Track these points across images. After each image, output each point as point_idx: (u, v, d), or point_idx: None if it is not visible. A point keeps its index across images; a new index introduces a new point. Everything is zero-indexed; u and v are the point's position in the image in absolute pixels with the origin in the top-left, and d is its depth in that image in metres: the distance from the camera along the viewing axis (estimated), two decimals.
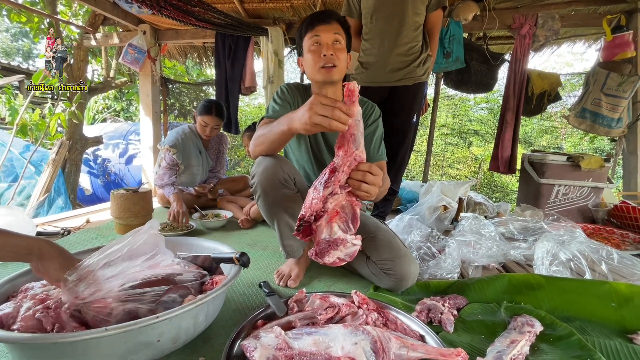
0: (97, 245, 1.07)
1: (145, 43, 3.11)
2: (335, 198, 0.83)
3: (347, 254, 0.83)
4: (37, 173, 3.47)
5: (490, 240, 1.42)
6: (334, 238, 0.81)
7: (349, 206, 0.85)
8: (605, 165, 2.22)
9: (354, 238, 0.84)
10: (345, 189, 0.84)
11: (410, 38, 1.70)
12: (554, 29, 2.44)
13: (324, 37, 1.14)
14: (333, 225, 0.82)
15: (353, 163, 0.82)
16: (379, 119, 1.35)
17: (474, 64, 2.69)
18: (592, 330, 0.94)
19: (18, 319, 0.65)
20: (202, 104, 2.23)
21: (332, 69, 1.15)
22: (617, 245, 1.72)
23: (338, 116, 0.77)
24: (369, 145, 1.29)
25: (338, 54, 1.16)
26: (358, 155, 0.82)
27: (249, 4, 2.95)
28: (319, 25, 1.15)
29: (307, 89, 1.34)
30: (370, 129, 1.32)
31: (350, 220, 0.84)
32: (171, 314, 0.67)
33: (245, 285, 1.18)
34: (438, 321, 0.98)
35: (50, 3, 3.03)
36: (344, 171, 0.82)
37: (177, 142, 2.17)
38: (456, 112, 4.94)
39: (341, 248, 0.82)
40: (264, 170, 1.09)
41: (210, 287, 0.89)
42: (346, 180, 0.84)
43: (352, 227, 0.85)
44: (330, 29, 1.15)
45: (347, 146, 0.82)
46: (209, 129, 2.22)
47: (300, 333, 0.74)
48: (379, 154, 1.30)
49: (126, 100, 6.97)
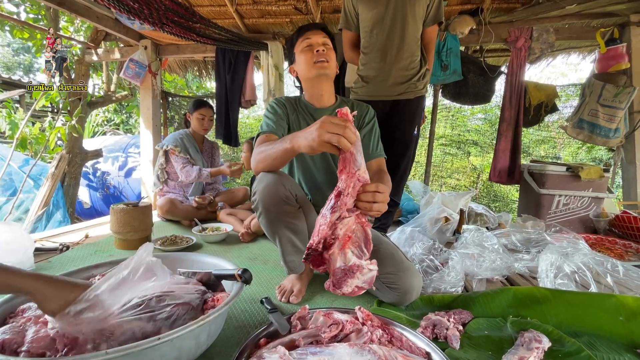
0: (95, 263, 1.06)
1: (146, 58, 3.15)
2: (345, 223, 0.81)
3: (365, 281, 0.80)
4: (36, 187, 3.45)
5: (494, 253, 1.41)
6: (349, 265, 0.79)
7: (359, 229, 0.83)
8: (604, 175, 2.23)
9: (370, 263, 0.81)
10: (353, 212, 0.82)
11: (410, 52, 1.73)
12: (549, 42, 2.49)
13: (315, 38, 1.25)
14: (347, 252, 0.80)
15: (357, 184, 0.82)
16: (374, 119, 1.38)
17: (472, 76, 2.73)
18: (601, 346, 0.93)
19: (28, 341, 0.64)
20: (192, 103, 2.51)
21: (325, 63, 1.24)
22: (620, 255, 1.71)
23: (349, 135, 0.78)
24: (367, 144, 1.32)
25: (329, 54, 1.26)
26: (361, 176, 0.82)
27: (249, 20, 3.01)
28: (309, 31, 1.27)
29: (297, 100, 1.38)
30: (367, 129, 1.34)
31: (363, 243, 0.82)
32: (173, 334, 0.65)
33: (246, 301, 1.17)
34: (444, 337, 0.96)
35: (53, 20, 3.08)
36: (349, 193, 0.81)
37: (177, 140, 2.37)
38: (454, 123, 4.98)
39: (358, 275, 0.79)
40: (265, 187, 1.09)
41: (212, 304, 0.87)
42: (354, 203, 0.83)
43: (366, 251, 0.82)
44: (319, 34, 1.27)
45: (349, 168, 0.81)
46: (206, 121, 2.43)
47: (304, 353, 0.72)
48: (378, 151, 1.32)
49: (126, 113, 7.01)
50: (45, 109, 5.18)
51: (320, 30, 1.29)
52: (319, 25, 1.31)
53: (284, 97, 1.40)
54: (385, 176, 1.23)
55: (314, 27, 1.30)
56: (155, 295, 0.80)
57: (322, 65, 1.25)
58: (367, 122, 1.36)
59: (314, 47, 1.25)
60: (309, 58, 1.25)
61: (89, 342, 0.67)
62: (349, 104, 1.40)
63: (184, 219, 2.29)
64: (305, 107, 1.36)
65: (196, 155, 2.44)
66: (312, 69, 1.26)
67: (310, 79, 1.30)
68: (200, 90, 6.62)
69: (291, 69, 1.37)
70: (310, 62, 1.25)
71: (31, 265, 1.40)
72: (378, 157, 1.31)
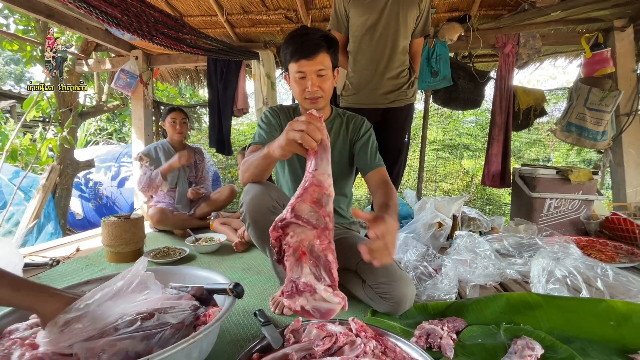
0: (85, 279, 1.05)
1: (137, 68, 3.15)
2: (298, 232, 0.71)
3: (315, 308, 0.68)
4: (26, 199, 3.40)
5: (486, 259, 1.41)
6: (301, 281, 0.69)
7: (318, 251, 0.71)
8: (594, 177, 2.26)
9: (331, 293, 0.68)
10: (311, 225, 0.71)
11: (400, 62, 1.76)
12: (536, 47, 2.54)
13: (308, 70, 1.14)
14: (304, 266, 0.70)
15: (314, 187, 0.72)
16: (371, 130, 1.34)
17: (461, 82, 2.76)
18: (593, 351, 0.93)
19: None
20: (164, 111, 2.58)
21: (318, 99, 1.18)
22: (611, 257, 1.73)
23: (311, 131, 0.75)
24: (364, 156, 1.28)
25: (323, 85, 1.17)
26: (316, 177, 0.73)
27: (240, 29, 3.02)
28: (302, 60, 1.13)
29: (293, 111, 1.35)
30: (362, 141, 1.31)
31: (322, 269, 0.70)
32: (163, 354, 0.64)
33: (240, 314, 1.16)
34: (437, 346, 0.96)
35: (42, 31, 3.06)
36: (300, 195, 0.72)
37: (150, 150, 2.40)
38: (445, 127, 5.03)
39: (307, 296, 0.68)
40: (252, 199, 1.09)
41: (204, 320, 0.86)
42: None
43: (327, 278, 0.70)
44: (315, 63, 1.13)
45: (308, 166, 0.76)
46: (179, 123, 2.43)
47: None
48: (377, 161, 1.28)
49: (119, 122, 6.97)
50: (36, 120, 5.13)
51: (318, 55, 1.12)
52: (318, 47, 1.12)
53: (279, 106, 1.37)
54: (390, 189, 1.15)
55: (310, 52, 1.12)
56: (148, 312, 0.79)
57: (313, 102, 1.19)
58: (362, 134, 1.32)
59: (306, 81, 1.16)
60: (300, 90, 1.18)
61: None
62: (344, 117, 1.36)
63: (176, 229, 2.27)
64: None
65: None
66: (303, 102, 1.21)
67: (302, 105, 1.27)
68: (194, 99, 6.62)
69: (286, 77, 1.30)
70: (301, 95, 1.19)
71: None
72: (378, 167, 1.27)
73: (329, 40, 1.16)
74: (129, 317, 0.75)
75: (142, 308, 0.82)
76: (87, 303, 0.70)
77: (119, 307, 0.74)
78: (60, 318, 0.66)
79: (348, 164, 1.36)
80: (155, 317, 0.77)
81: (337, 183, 1.32)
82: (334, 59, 1.20)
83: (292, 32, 1.19)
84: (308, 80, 1.15)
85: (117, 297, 0.75)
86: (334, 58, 1.19)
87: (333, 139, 1.32)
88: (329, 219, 0.72)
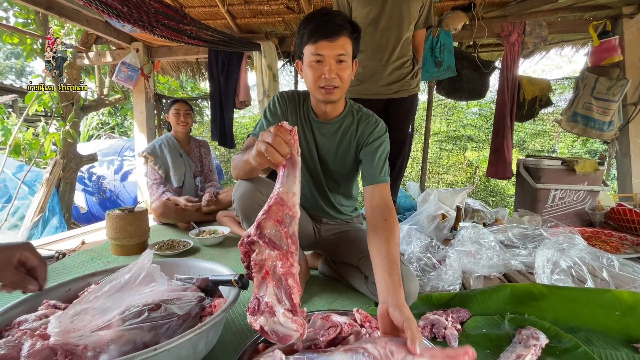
0: (92, 271, 1.06)
1: (138, 61, 3.12)
2: (262, 251, 0.67)
3: (273, 331, 0.64)
4: (31, 193, 3.42)
5: (490, 250, 1.41)
6: (265, 300, 0.66)
7: (280, 273, 0.66)
8: (599, 168, 2.24)
9: (288, 319, 0.63)
10: (272, 247, 0.67)
11: (404, 52, 1.74)
12: (542, 36, 2.49)
13: (328, 54, 1.00)
14: (268, 285, 0.67)
15: (277, 207, 0.68)
16: (385, 136, 1.17)
17: (466, 72, 2.73)
18: (598, 341, 0.93)
19: (24, 355, 0.63)
20: (167, 104, 2.51)
21: (334, 90, 1.04)
22: (616, 248, 1.72)
23: (277, 143, 0.67)
24: (370, 166, 1.12)
25: (341, 73, 1.03)
26: (279, 195, 0.68)
27: (241, 20, 2.99)
28: (322, 41, 0.99)
29: (304, 101, 1.21)
30: (371, 148, 1.14)
31: (284, 293, 0.66)
32: (170, 344, 0.65)
33: (245, 305, 1.16)
34: (442, 336, 0.96)
35: (42, 24, 3.04)
36: (264, 212, 0.68)
37: (154, 148, 2.35)
38: (449, 118, 4.99)
39: (267, 317, 0.65)
40: (242, 195, 1.10)
41: (210, 311, 0.87)
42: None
43: (288, 304, 0.65)
44: (336, 46, 0.99)
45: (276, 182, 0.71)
46: (182, 114, 2.38)
47: (301, 358, 0.72)
48: (381, 175, 1.10)
49: (121, 115, 6.97)
50: (38, 114, 5.14)
51: (341, 37, 0.99)
52: (342, 28, 0.99)
53: (292, 92, 1.22)
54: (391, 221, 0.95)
55: (332, 32, 0.98)
56: (155, 304, 0.80)
57: (328, 92, 1.05)
58: (372, 141, 1.15)
59: (323, 66, 1.01)
60: (315, 77, 1.03)
61: (89, 350, 0.66)
62: (357, 116, 1.19)
63: (180, 222, 2.28)
64: (307, 114, 1.20)
65: (176, 161, 2.36)
66: (316, 91, 1.07)
67: (314, 96, 1.13)
68: (195, 91, 6.59)
69: (297, 63, 1.13)
70: (316, 84, 1.04)
71: None
72: (381, 183, 1.07)
73: (353, 25, 1.03)
74: (136, 309, 0.76)
75: (149, 299, 0.82)
76: (96, 295, 0.71)
77: (127, 299, 0.74)
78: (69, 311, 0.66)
79: (353, 166, 1.25)
80: (162, 309, 0.78)
81: (340, 183, 1.29)
82: (356, 47, 1.06)
83: (312, 12, 1.06)
84: (326, 65, 1.01)
85: (125, 290, 0.76)
86: (355, 46, 1.06)
87: (339, 140, 1.20)
88: (292, 242, 0.67)
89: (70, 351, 0.63)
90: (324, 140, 1.21)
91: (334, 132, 1.19)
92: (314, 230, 1.35)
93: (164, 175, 2.33)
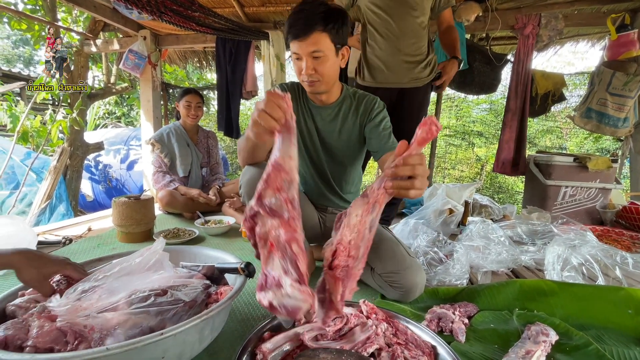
0: (99, 256, 1.06)
1: (145, 49, 3.10)
2: (265, 222, 0.64)
3: (282, 305, 0.60)
4: (38, 180, 3.45)
5: (500, 245, 1.39)
6: (271, 274, 0.63)
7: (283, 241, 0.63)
8: (612, 165, 2.19)
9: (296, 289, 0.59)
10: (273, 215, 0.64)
11: (417, 39, 1.68)
12: (558, 29, 2.42)
13: (302, 52, 1.06)
14: (274, 258, 0.63)
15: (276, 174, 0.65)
16: (383, 111, 1.24)
17: (477, 65, 2.67)
18: (609, 339, 0.91)
19: (32, 336, 0.63)
20: (179, 92, 2.45)
21: (315, 83, 1.11)
22: (627, 247, 1.69)
23: (269, 108, 0.66)
24: (377, 139, 1.19)
25: (319, 67, 1.08)
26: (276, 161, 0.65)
27: (249, 8, 2.95)
28: (294, 41, 1.05)
29: (303, 89, 1.26)
30: (374, 122, 1.21)
31: (289, 262, 0.62)
32: (176, 329, 0.64)
33: (249, 294, 1.16)
34: (449, 330, 0.95)
35: (50, 10, 3.03)
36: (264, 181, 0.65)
37: (162, 135, 2.34)
38: (458, 113, 4.93)
39: (274, 291, 0.61)
40: (249, 181, 1.10)
41: (216, 298, 0.86)
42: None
43: (295, 273, 0.61)
44: (307, 44, 1.04)
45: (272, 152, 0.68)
46: (193, 108, 2.35)
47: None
48: (390, 144, 1.17)
49: (127, 105, 6.98)
50: (45, 102, 5.16)
51: (312, 35, 1.02)
52: (311, 26, 1.02)
53: (291, 83, 1.29)
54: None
55: (301, 32, 1.02)
56: (161, 289, 0.79)
57: (311, 85, 1.12)
58: (374, 116, 1.23)
59: (301, 62, 1.08)
60: (297, 72, 1.11)
61: (96, 332, 0.66)
62: (355, 98, 1.26)
63: (185, 212, 2.28)
64: (306, 102, 1.27)
65: (183, 150, 2.34)
66: (302, 83, 1.15)
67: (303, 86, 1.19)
68: (201, 82, 6.56)
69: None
70: (299, 77, 1.12)
71: None
72: (391, 150, 1.14)
73: (327, 17, 1.03)
74: (142, 294, 0.76)
75: (155, 285, 0.82)
76: (106, 275, 0.71)
77: (135, 283, 0.74)
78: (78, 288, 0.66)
79: (357, 147, 1.29)
80: (168, 294, 0.77)
81: (344, 167, 1.30)
82: (337, 37, 1.07)
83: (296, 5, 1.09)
84: (303, 61, 1.07)
85: (134, 273, 0.76)
86: (336, 36, 1.06)
87: (341, 121, 1.25)
88: (292, 206, 0.65)
89: (79, 333, 0.62)
90: (325, 125, 1.26)
91: (334, 115, 1.25)
92: (319, 221, 1.34)
93: (169, 163, 2.33)
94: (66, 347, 0.64)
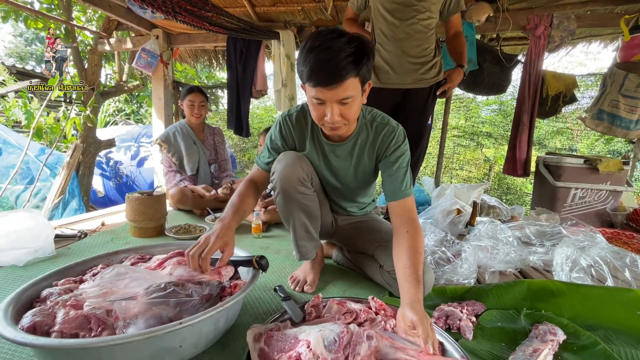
0: (114, 250, 1.09)
1: (157, 47, 3.16)
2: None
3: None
4: (52, 175, 3.54)
5: (508, 245, 1.39)
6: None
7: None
8: (624, 168, 2.17)
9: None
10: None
11: (423, 40, 1.69)
12: (570, 30, 2.40)
13: (329, 99, 0.91)
14: None
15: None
16: (404, 144, 1.09)
17: (487, 65, 2.66)
18: (617, 340, 0.92)
19: (59, 322, 0.67)
20: (183, 90, 2.44)
21: (340, 127, 0.98)
22: (638, 250, 1.68)
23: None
24: (392, 182, 1.07)
25: (347, 112, 0.94)
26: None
27: (260, 8, 2.97)
28: (320, 87, 0.88)
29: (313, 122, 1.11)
30: (390, 159, 1.08)
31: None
32: (194, 320, 0.67)
33: (260, 289, 1.19)
34: (457, 328, 0.96)
35: (66, 9, 3.09)
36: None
37: (168, 135, 2.36)
38: (467, 114, 4.90)
39: None
40: (284, 168, 1.09)
41: (230, 291, 0.89)
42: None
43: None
44: (338, 92, 0.88)
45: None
46: (197, 107, 2.36)
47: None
48: (404, 190, 1.05)
49: (137, 103, 7.08)
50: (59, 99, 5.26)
51: (343, 83, 0.86)
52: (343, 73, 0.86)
53: (296, 117, 1.14)
54: (413, 230, 0.98)
55: (332, 79, 0.86)
56: (180, 282, 0.83)
57: (333, 129, 0.99)
58: (391, 152, 1.08)
59: (326, 107, 0.92)
60: (317, 116, 0.97)
61: (120, 320, 0.69)
62: (372, 128, 1.10)
63: (196, 208, 2.32)
64: (318, 138, 1.14)
65: (190, 148, 2.37)
66: (321, 126, 1.02)
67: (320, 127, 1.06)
68: (211, 80, 6.62)
69: (303, 86, 0.99)
70: (318, 121, 0.99)
71: (52, 251, 1.44)
72: (404, 198, 1.05)
73: (358, 59, 0.87)
74: (161, 284, 0.79)
75: (172, 278, 0.85)
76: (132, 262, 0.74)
77: (153, 275, 0.77)
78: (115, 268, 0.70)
79: (372, 175, 1.21)
80: (186, 286, 0.80)
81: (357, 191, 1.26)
82: (366, 73, 0.92)
83: (310, 41, 0.89)
84: (328, 107, 0.92)
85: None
86: (365, 73, 0.92)
87: (356, 159, 1.14)
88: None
89: (102, 320, 0.66)
90: (340, 162, 1.15)
91: (349, 151, 1.13)
92: (332, 221, 1.35)
93: (178, 162, 2.36)
94: (90, 333, 0.67)
